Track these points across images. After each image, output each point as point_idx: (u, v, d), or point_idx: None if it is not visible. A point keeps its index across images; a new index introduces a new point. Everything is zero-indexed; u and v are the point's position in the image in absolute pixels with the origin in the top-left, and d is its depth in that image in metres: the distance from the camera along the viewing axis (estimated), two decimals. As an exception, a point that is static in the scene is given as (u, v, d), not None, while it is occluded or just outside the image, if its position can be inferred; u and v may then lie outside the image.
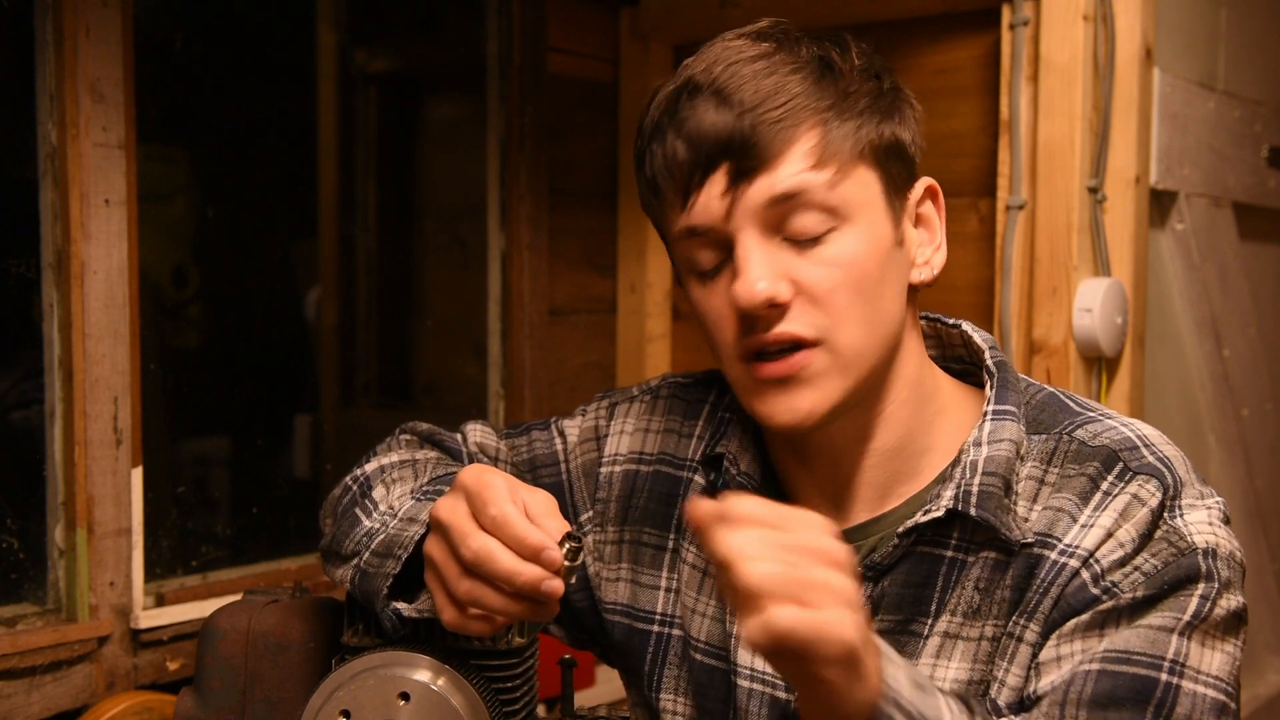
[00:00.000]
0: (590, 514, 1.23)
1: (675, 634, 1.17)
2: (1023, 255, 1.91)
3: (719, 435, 1.17)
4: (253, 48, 2.02)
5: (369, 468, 1.20)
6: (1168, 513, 0.99)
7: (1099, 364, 1.92)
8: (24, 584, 1.65)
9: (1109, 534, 0.99)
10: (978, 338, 1.12)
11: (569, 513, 1.23)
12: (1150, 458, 1.02)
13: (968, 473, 1.03)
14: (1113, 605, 0.96)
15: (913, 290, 1.08)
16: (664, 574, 1.19)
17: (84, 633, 1.62)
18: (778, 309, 1.01)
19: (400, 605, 1.05)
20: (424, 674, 1.04)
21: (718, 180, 1.01)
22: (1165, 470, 1.01)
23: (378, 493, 1.14)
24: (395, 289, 2.27)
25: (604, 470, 1.23)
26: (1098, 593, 0.97)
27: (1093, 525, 0.99)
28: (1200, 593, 0.96)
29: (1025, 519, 1.02)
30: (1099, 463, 1.02)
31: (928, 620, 1.04)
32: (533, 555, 0.93)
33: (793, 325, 1.01)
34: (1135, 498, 0.99)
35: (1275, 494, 2.38)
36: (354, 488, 1.18)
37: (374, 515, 1.11)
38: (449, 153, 2.31)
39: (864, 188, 1.02)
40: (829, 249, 1.01)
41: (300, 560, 1.97)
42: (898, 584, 1.04)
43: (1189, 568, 0.96)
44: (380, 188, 2.23)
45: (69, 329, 1.62)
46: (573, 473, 1.25)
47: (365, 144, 2.21)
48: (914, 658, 1.04)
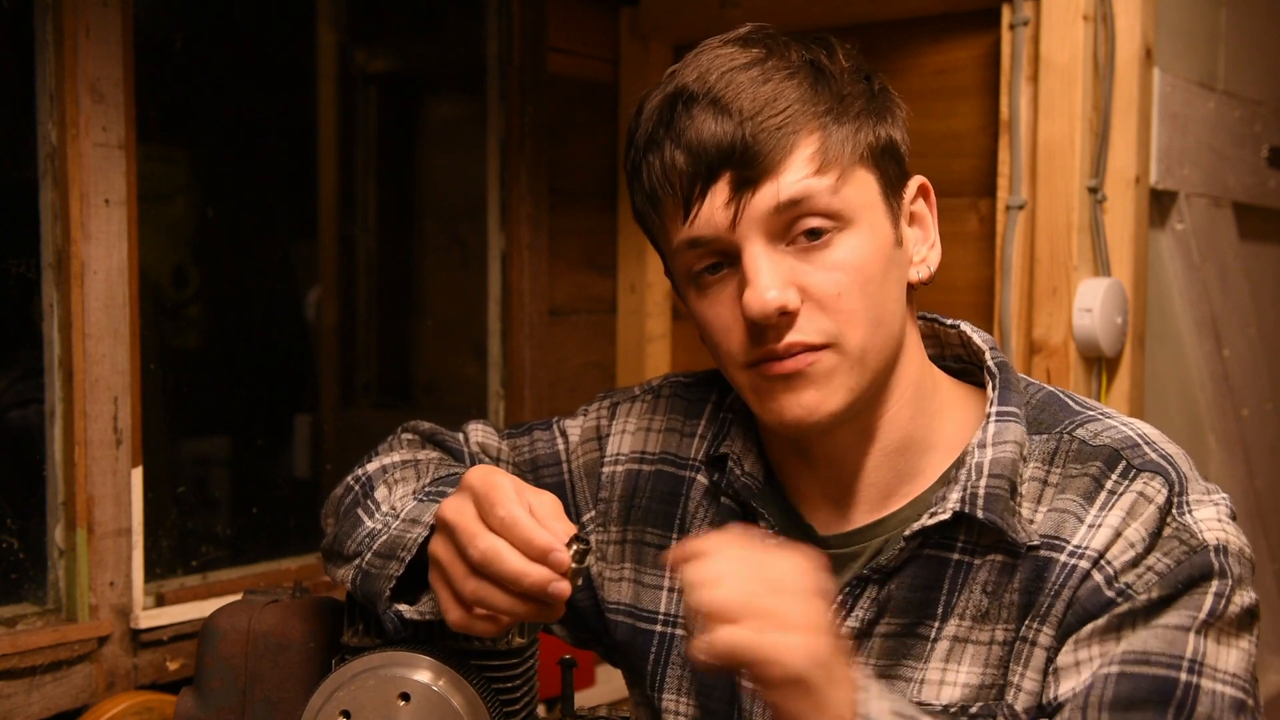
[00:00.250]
0: (592, 514, 1.23)
1: (678, 634, 1.17)
2: (1023, 255, 1.91)
3: (722, 435, 1.17)
4: (253, 48, 2.02)
5: (371, 467, 1.20)
6: (1175, 509, 0.99)
7: (1099, 364, 1.92)
8: (24, 584, 1.65)
9: (1118, 533, 0.99)
10: (977, 338, 1.13)
11: (571, 513, 1.23)
12: (1153, 455, 1.02)
13: (973, 475, 1.03)
14: (1129, 608, 0.96)
15: (911, 289, 1.08)
16: (667, 573, 1.18)
17: (84, 633, 1.62)
18: (787, 317, 1.01)
19: (402, 607, 1.05)
20: (424, 674, 1.04)
21: (720, 190, 1.00)
22: (1169, 467, 1.01)
23: (380, 493, 1.14)
24: (395, 289, 2.27)
25: (606, 470, 1.23)
26: (1112, 595, 0.97)
27: (1100, 525, 0.99)
28: (1214, 590, 0.96)
29: (1030, 521, 1.02)
30: (1101, 462, 1.02)
31: (934, 623, 1.03)
32: (540, 557, 0.93)
33: (802, 334, 1.01)
34: (1141, 495, 0.99)
35: (1275, 494, 2.38)
36: (356, 488, 1.18)
37: (376, 516, 1.11)
38: (449, 153, 2.31)
39: (864, 190, 1.02)
40: (834, 253, 1.01)
41: (300, 560, 1.97)
42: (904, 587, 1.04)
43: (1202, 565, 0.96)
44: (380, 188, 2.23)
45: (69, 329, 1.61)
46: (575, 473, 1.25)
47: (365, 144, 2.21)
48: (922, 661, 1.04)
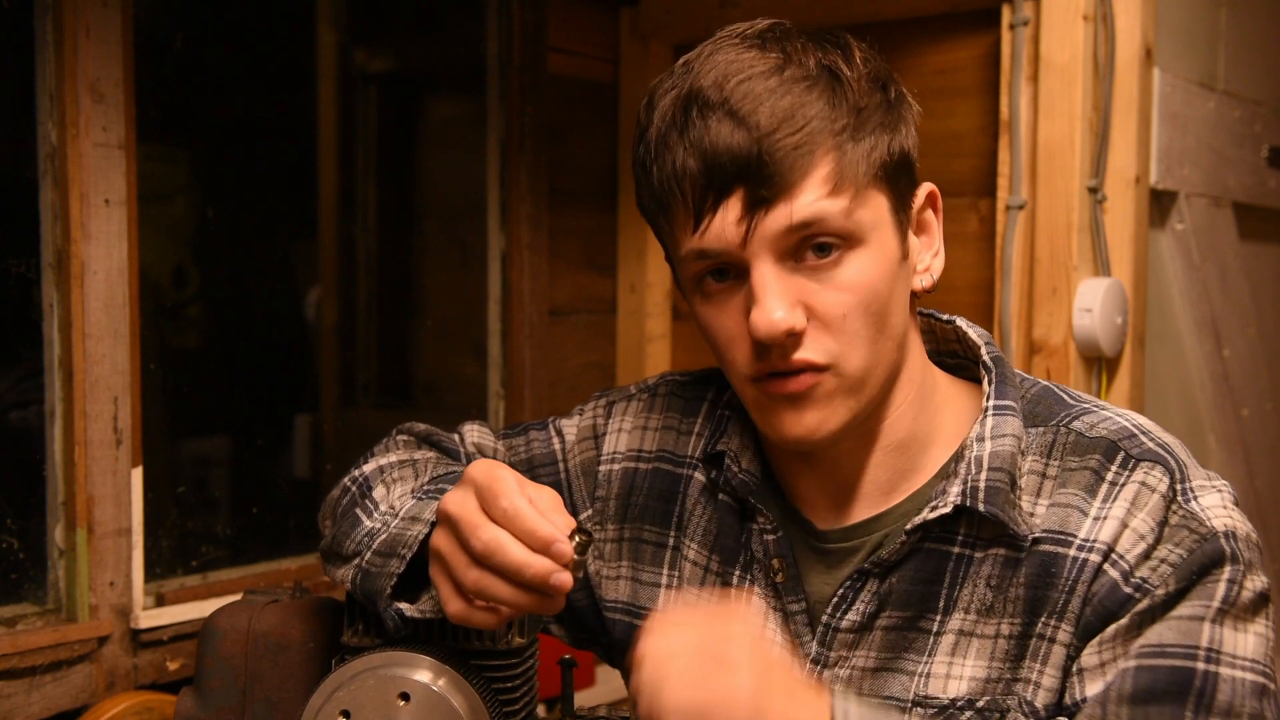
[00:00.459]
0: (589, 512, 1.23)
1: None
2: (1023, 255, 1.91)
3: (719, 432, 1.17)
4: (253, 48, 2.02)
5: (368, 468, 1.20)
6: (1180, 496, 0.99)
7: (1099, 364, 1.92)
8: (24, 584, 1.65)
9: (1124, 525, 0.99)
10: (973, 333, 1.13)
11: (568, 511, 1.23)
12: (1150, 444, 1.03)
13: (973, 468, 1.03)
14: (1147, 604, 0.97)
15: (914, 297, 1.08)
16: (665, 571, 1.19)
17: (84, 633, 1.62)
18: (794, 337, 1.01)
19: (403, 605, 1.05)
20: (424, 674, 1.04)
21: (733, 205, 0.99)
22: (1167, 455, 1.02)
23: (378, 492, 1.14)
24: (395, 289, 2.27)
25: (603, 469, 1.23)
26: (1130, 591, 0.97)
27: (1105, 517, 1.00)
28: (1226, 577, 0.96)
29: (1031, 513, 1.02)
30: (1100, 454, 1.02)
31: (936, 616, 1.04)
32: (543, 548, 0.94)
33: (807, 352, 1.01)
34: (1144, 485, 1.00)
35: (1275, 494, 2.38)
36: (353, 488, 1.18)
37: (375, 515, 1.11)
38: (449, 153, 2.31)
39: (876, 209, 1.01)
40: (842, 273, 1.00)
41: (300, 560, 1.97)
42: (906, 581, 1.05)
43: (1213, 553, 0.97)
44: (380, 188, 2.23)
45: (69, 329, 1.61)
46: (571, 472, 1.25)
47: (365, 144, 2.21)
48: (926, 655, 1.04)
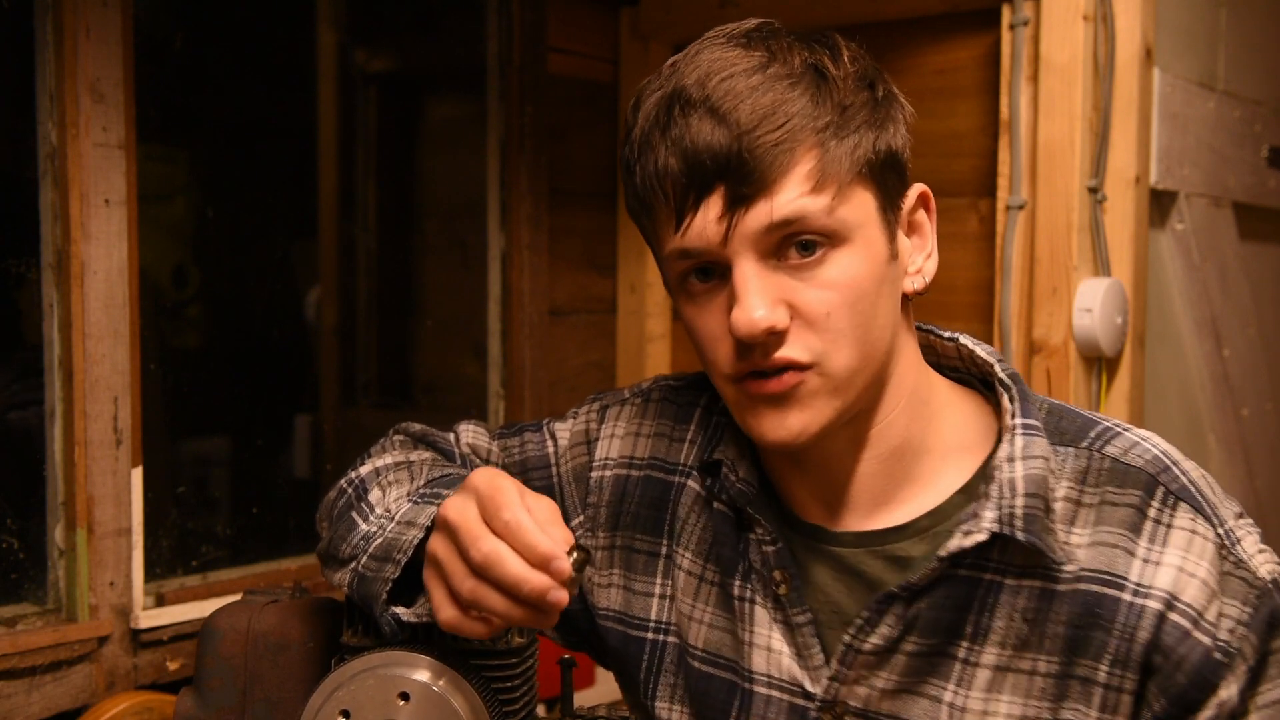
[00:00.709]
0: (581, 519, 1.22)
1: (670, 641, 1.16)
2: (1023, 255, 1.91)
3: (714, 440, 1.16)
4: (253, 48, 2.02)
5: (364, 470, 1.19)
6: (1227, 540, 0.99)
7: (1099, 364, 1.92)
8: (24, 584, 1.65)
9: (1186, 573, 0.98)
10: (980, 351, 1.10)
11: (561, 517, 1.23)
12: (1184, 480, 1.02)
13: (1006, 491, 1.00)
14: (1245, 674, 0.96)
15: (906, 299, 1.06)
16: (657, 580, 1.18)
17: (84, 633, 1.62)
18: (776, 335, 1.00)
19: (399, 610, 1.05)
20: (424, 674, 1.04)
21: (714, 204, 0.98)
22: (1199, 496, 1.01)
23: (374, 495, 1.14)
24: (395, 289, 2.27)
25: (594, 475, 1.22)
26: (1220, 657, 0.96)
27: (1160, 563, 0.98)
28: None
29: (1066, 542, 1.00)
30: (1140, 490, 1.01)
31: (963, 643, 1.02)
32: (541, 563, 0.93)
33: (789, 350, 1.00)
34: (1194, 533, 0.99)
35: (1275, 494, 2.38)
36: (349, 490, 1.17)
37: (371, 518, 1.10)
38: (449, 153, 2.31)
39: (860, 207, 1.00)
40: (826, 271, 0.99)
41: (300, 560, 1.97)
42: (934, 607, 1.02)
43: (1274, 610, 0.97)
44: (380, 188, 2.23)
45: (69, 329, 1.62)
46: (563, 477, 1.24)
47: (365, 144, 2.21)
48: (953, 683, 1.02)
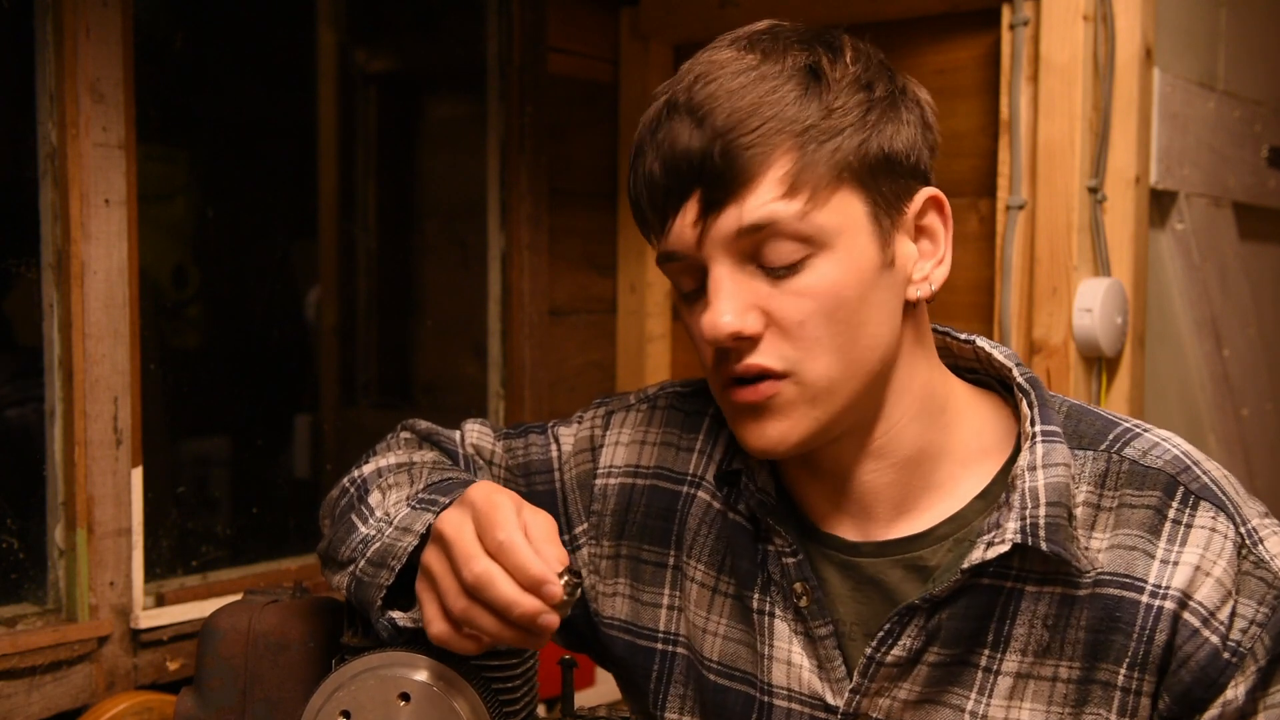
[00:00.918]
0: (585, 526, 1.21)
1: (680, 653, 1.15)
2: (1023, 255, 1.91)
3: (729, 450, 1.14)
4: (253, 48, 2.02)
5: (367, 469, 1.19)
6: (1249, 539, 0.98)
7: (1099, 364, 1.92)
8: (24, 584, 1.65)
9: (1204, 573, 0.97)
10: (998, 354, 1.09)
11: (563, 523, 1.21)
12: (1205, 479, 1.01)
13: (1028, 501, 0.99)
14: (1254, 674, 0.95)
15: (910, 306, 1.04)
16: (665, 591, 1.16)
17: (84, 633, 1.62)
18: (747, 340, 0.99)
19: (395, 614, 1.04)
20: (424, 674, 1.04)
21: (690, 208, 0.98)
22: (1223, 497, 1.00)
23: (374, 498, 1.13)
24: (395, 289, 2.27)
25: (599, 483, 1.20)
26: (1229, 657, 0.95)
27: (1177, 562, 0.97)
28: None
29: (1087, 547, 0.99)
30: (1160, 490, 1.00)
31: (985, 651, 1.01)
32: (533, 587, 0.92)
33: (761, 358, 0.99)
34: (1214, 531, 0.98)
35: (1275, 494, 2.38)
36: (352, 490, 1.17)
37: (370, 522, 1.10)
38: (449, 153, 2.31)
39: (842, 213, 0.98)
40: (802, 279, 0.98)
41: (300, 560, 1.97)
42: (956, 617, 1.01)
43: None
44: (380, 188, 2.23)
45: (69, 329, 1.61)
46: (567, 484, 1.22)
47: (365, 144, 2.21)
48: (976, 691, 1.02)
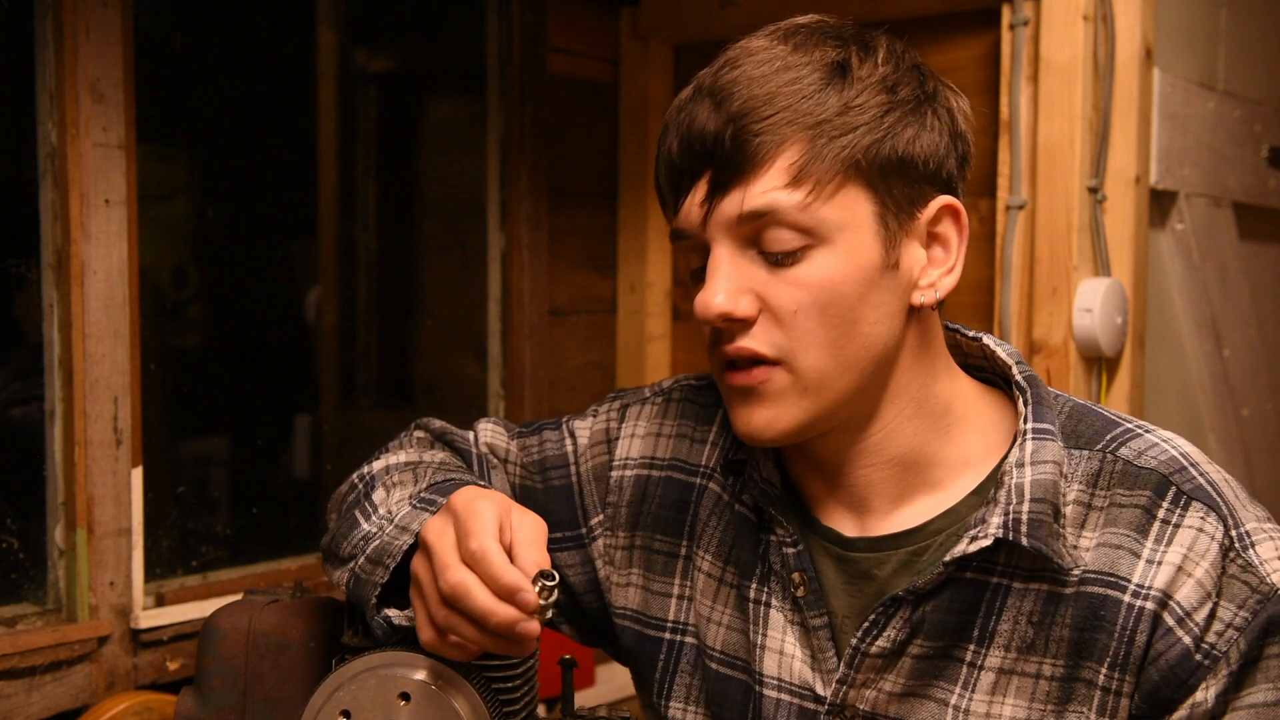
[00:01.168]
0: (600, 518, 1.22)
1: (688, 642, 1.16)
2: (1023, 255, 1.91)
3: (738, 441, 1.15)
4: (253, 48, 2.02)
5: (376, 466, 1.19)
6: (1238, 543, 0.97)
7: (1099, 364, 1.92)
8: (24, 584, 1.65)
9: (1185, 574, 0.96)
10: (1001, 352, 1.09)
11: (579, 515, 1.23)
12: (1200, 480, 1.00)
13: (1014, 497, 0.99)
14: (1226, 677, 0.94)
15: (914, 310, 1.04)
16: (676, 581, 1.17)
17: (84, 633, 1.62)
18: (739, 323, 1.00)
19: (391, 613, 1.05)
20: (424, 674, 1.04)
21: (700, 188, 1.00)
22: (1217, 495, 0.99)
23: (378, 495, 1.14)
24: (395, 289, 2.27)
25: (615, 474, 1.22)
26: (1200, 659, 0.95)
27: (1160, 562, 0.97)
28: None
29: (1075, 546, 0.99)
30: (1150, 490, 0.99)
31: (970, 646, 1.02)
32: (507, 596, 0.92)
33: (752, 342, 1.00)
34: (1201, 532, 0.97)
35: (1275, 494, 2.38)
36: (360, 486, 1.18)
37: (373, 519, 1.10)
38: (449, 153, 2.31)
39: (848, 209, 0.99)
40: (801, 269, 0.99)
41: (300, 560, 1.97)
42: (940, 610, 1.02)
43: (1272, 617, 0.95)
44: (380, 188, 2.23)
45: (69, 329, 1.61)
46: (583, 476, 1.23)
47: (365, 144, 2.21)
48: (960, 685, 1.02)
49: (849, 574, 1.07)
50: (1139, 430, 1.04)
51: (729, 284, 0.99)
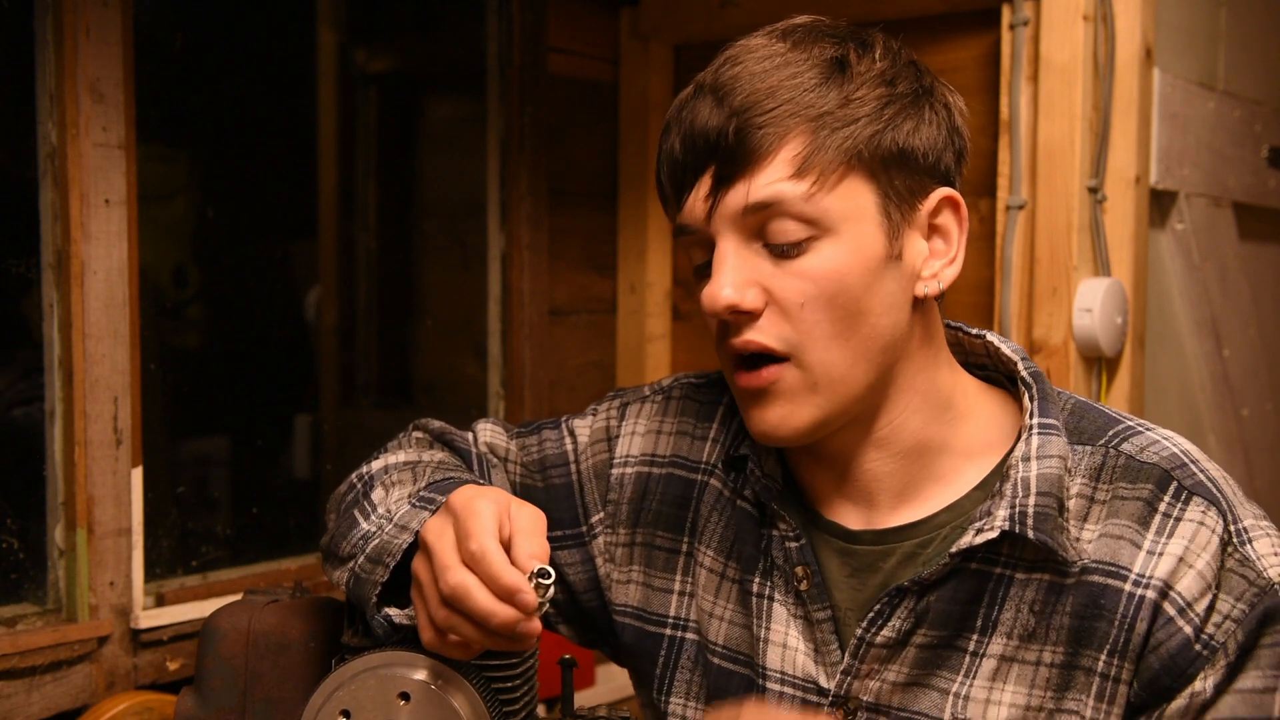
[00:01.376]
0: (601, 515, 1.22)
1: (689, 638, 1.16)
2: (1023, 255, 1.92)
3: (740, 437, 1.16)
4: (253, 48, 2.02)
5: (375, 465, 1.20)
6: (1236, 539, 0.99)
7: (1099, 364, 1.92)
8: (24, 584, 1.65)
9: (1186, 565, 0.97)
10: (1006, 349, 1.10)
11: (580, 512, 1.23)
12: (1201, 476, 1.02)
13: (1019, 490, 1.00)
14: (1223, 668, 0.96)
15: (919, 302, 1.05)
16: (677, 577, 1.18)
17: (84, 633, 1.62)
18: (745, 316, 1.01)
19: (391, 611, 1.05)
20: (424, 674, 1.04)
21: (704, 183, 1.01)
22: (1217, 491, 1.01)
23: (377, 494, 1.14)
24: (395, 289, 2.27)
25: (615, 472, 1.22)
26: (1199, 649, 0.96)
27: (1161, 553, 0.98)
28: None
29: (1078, 539, 1.01)
30: (1153, 484, 1.01)
31: (974, 636, 1.02)
32: (506, 596, 0.93)
33: (760, 335, 1.01)
34: (1201, 525, 0.98)
35: (1275, 494, 2.38)
36: (359, 485, 1.18)
37: (372, 518, 1.11)
38: (449, 153, 2.31)
39: (851, 199, 1.00)
40: (806, 261, 0.99)
41: (300, 560, 1.97)
42: (944, 600, 1.03)
43: (1273, 608, 0.96)
44: (380, 188, 2.23)
45: (69, 329, 1.61)
46: (584, 473, 1.24)
47: (365, 144, 2.21)
48: (962, 675, 1.03)
49: (853, 567, 1.08)
50: (1140, 427, 1.06)
51: (736, 276, 1.00)
